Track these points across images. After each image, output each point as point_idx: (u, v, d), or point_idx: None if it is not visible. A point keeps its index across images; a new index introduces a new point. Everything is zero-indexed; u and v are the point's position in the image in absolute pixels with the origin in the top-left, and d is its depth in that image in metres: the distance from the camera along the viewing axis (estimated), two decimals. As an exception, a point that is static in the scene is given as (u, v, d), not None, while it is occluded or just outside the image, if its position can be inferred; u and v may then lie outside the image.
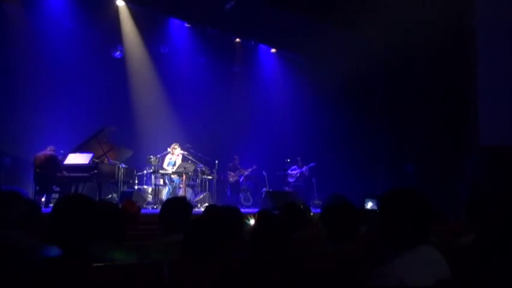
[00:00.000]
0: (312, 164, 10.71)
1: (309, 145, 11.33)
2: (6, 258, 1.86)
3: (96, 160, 7.86)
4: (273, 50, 12.02)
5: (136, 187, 8.78)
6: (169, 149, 8.94)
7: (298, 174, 10.87)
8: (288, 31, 10.26)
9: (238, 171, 10.53)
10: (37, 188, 7.32)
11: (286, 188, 10.68)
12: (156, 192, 8.59)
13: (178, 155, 8.94)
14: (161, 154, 8.94)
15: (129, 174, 8.67)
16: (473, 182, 8.10)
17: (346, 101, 10.98)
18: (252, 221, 5.74)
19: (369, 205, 6.02)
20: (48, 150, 7.44)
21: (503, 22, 8.10)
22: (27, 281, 1.52)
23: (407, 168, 9.77)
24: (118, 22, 9.66)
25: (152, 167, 8.74)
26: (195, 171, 9.00)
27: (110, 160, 8.27)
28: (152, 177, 8.78)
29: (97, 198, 7.05)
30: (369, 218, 3.23)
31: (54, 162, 7.39)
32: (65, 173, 7.45)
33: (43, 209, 3.54)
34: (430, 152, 9.34)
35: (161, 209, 2.97)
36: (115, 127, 8.31)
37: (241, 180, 10.53)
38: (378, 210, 1.93)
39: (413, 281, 1.62)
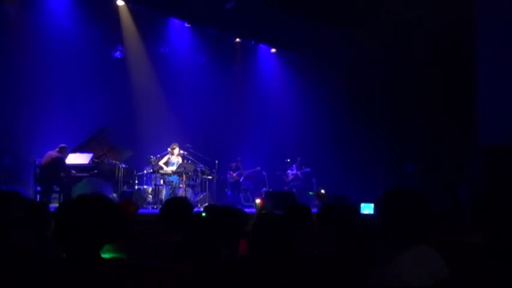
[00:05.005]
0: (306, 170, 10.79)
1: (308, 145, 11.34)
2: (7, 259, 1.86)
3: (96, 160, 7.86)
4: (273, 50, 12.02)
5: (136, 187, 8.78)
6: (169, 149, 8.93)
7: (293, 176, 10.91)
8: (288, 31, 10.26)
9: (239, 172, 10.54)
10: (38, 187, 7.32)
11: (286, 188, 10.69)
12: (156, 192, 8.59)
13: (177, 155, 8.94)
14: (161, 154, 8.94)
15: (129, 174, 8.67)
16: (473, 182, 8.09)
17: (346, 100, 10.98)
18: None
19: (365, 211, 5.95)
20: (57, 151, 7.39)
21: (503, 22, 8.10)
22: (32, 283, 1.52)
23: (407, 168, 9.77)
24: (118, 22, 9.66)
25: (152, 167, 8.75)
26: (195, 171, 9.00)
27: (110, 160, 8.27)
28: (152, 177, 8.78)
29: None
30: (366, 223, 3.22)
31: (59, 164, 7.35)
32: (62, 174, 7.42)
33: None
34: (430, 152, 9.33)
35: (162, 209, 2.97)
36: (115, 127, 8.30)
37: (241, 180, 10.54)
38: (375, 214, 1.94)
39: (412, 281, 1.62)
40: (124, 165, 8.41)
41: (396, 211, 1.78)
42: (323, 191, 6.07)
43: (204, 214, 3.25)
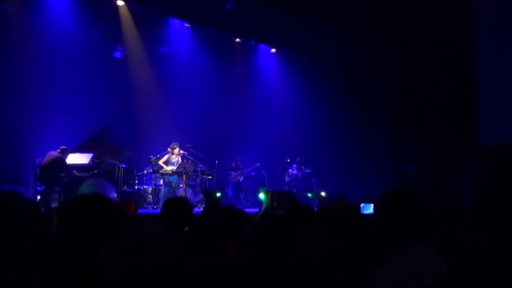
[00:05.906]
0: (307, 170, 10.78)
1: (308, 145, 11.34)
2: (7, 259, 1.86)
3: (96, 160, 7.86)
4: (273, 50, 12.02)
5: (136, 187, 8.78)
6: (169, 149, 8.93)
7: (293, 176, 10.91)
8: (288, 31, 10.26)
9: (240, 171, 10.53)
10: (38, 187, 7.32)
11: (286, 188, 10.69)
12: (156, 192, 8.59)
13: (178, 155, 8.93)
14: (161, 154, 8.93)
15: (129, 174, 8.67)
16: (473, 181, 8.10)
17: (346, 100, 10.99)
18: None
19: (365, 211, 5.95)
20: (58, 152, 7.40)
21: (503, 21, 8.10)
22: (32, 282, 1.52)
23: (407, 168, 9.78)
24: (118, 22, 9.67)
25: (152, 167, 8.75)
26: (195, 171, 8.99)
27: (110, 160, 8.27)
28: (152, 177, 8.78)
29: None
30: (366, 223, 3.22)
31: (60, 164, 7.35)
32: (63, 174, 7.41)
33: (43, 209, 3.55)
34: (430, 152, 9.34)
35: (162, 209, 2.97)
36: (115, 127, 8.30)
37: (241, 180, 10.54)
38: (375, 213, 1.94)
39: (412, 281, 1.62)
40: (124, 165, 8.41)
41: (396, 211, 1.78)
42: (323, 194, 6.08)
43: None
